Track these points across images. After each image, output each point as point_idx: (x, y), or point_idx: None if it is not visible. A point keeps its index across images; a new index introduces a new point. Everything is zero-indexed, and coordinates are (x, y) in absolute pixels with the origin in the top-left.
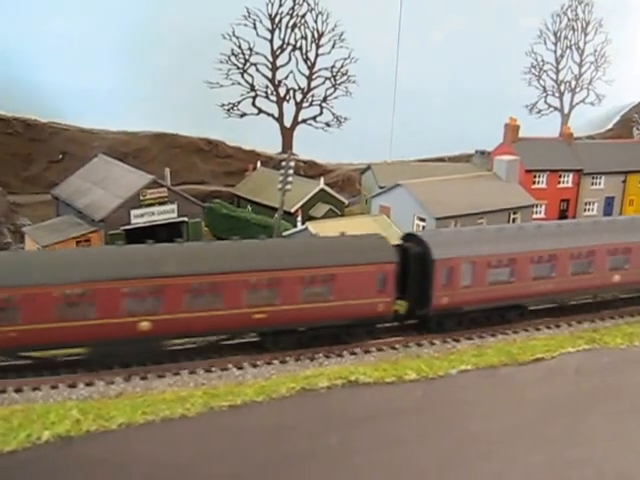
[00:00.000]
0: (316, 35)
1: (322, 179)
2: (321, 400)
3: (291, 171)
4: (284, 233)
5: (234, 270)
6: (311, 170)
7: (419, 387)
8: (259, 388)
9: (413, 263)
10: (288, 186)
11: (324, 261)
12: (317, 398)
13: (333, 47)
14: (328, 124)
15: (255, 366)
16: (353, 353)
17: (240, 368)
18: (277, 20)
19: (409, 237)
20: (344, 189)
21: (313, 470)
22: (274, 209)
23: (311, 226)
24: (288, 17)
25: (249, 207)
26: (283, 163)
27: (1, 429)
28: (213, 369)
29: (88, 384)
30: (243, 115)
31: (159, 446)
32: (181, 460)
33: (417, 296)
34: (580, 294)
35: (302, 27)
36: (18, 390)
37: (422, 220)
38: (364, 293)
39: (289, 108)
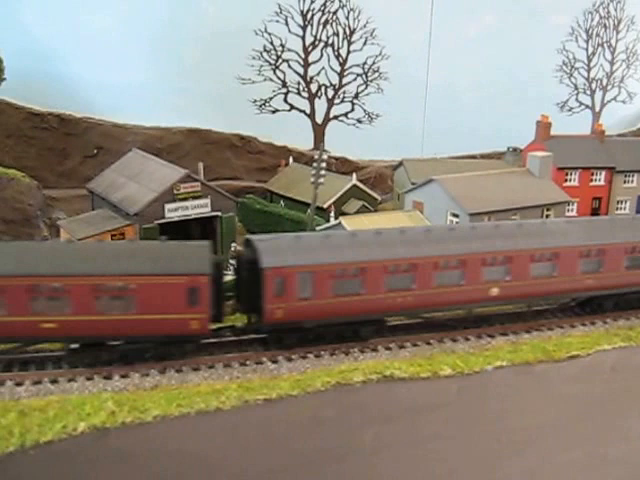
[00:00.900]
0: (348, 32)
1: (354, 175)
2: (356, 395)
3: (324, 164)
4: (317, 228)
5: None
6: (343, 167)
7: (454, 383)
8: (294, 382)
9: (243, 272)
10: (321, 180)
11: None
12: (352, 393)
13: (365, 44)
14: (360, 120)
15: (290, 360)
16: (388, 348)
17: (275, 362)
18: (309, 17)
19: (248, 242)
20: (376, 186)
21: (348, 466)
22: (307, 204)
23: (344, 221)
24: (320, 13)
25: (282, 202)
26: (315, 156)
27: (37, 420)
28: (248, 362)
29: (123, 376)
30: (275, 111)
31: (194, 439)
32: (216, 453)
33: (250, 308)
34: (449, 308)
35: (334, 24)
36: (54, 381)
37: (455, 216)
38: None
39: (321, 104)
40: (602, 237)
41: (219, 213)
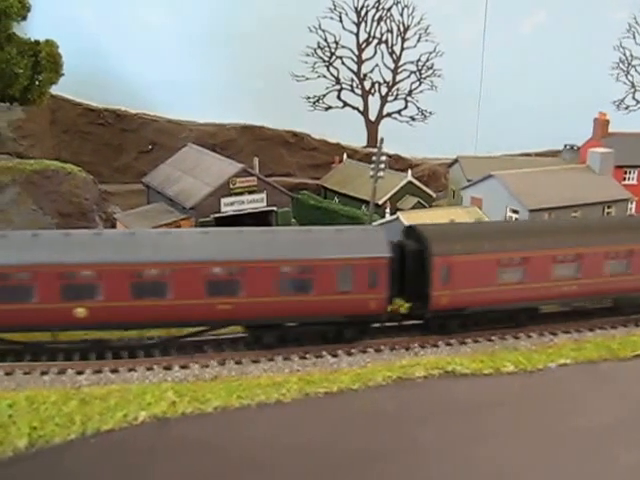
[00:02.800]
0: (402, 28)
1: (410, 171)
2: (418, 390)
3: (383, 157)
4: (374, 224)
5: None
6: (397, 164)
7: (517, 380)
8: (355, 376)
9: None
10: (381, 173)
11: None
12: (414, 388)
13: (419, 41)
14: (413, 118)
15: (350, 354)
16: (449, 344)
17: (335, 356)
18: (363, 13)
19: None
20: (429, 184)
21: (407, 462)
22: (361, 201)
23: (402, 216)
24: (374, 10)
25: (336, 199)
26: (375, 150)
27: (98, 408)
28: (307, 356)
29: (183, 367)
30: (328, 108)
31: (255, 431)
32: (276, 446)
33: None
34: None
35: (388, 20)
36: (114, 371)
37: (515, 212)
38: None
39: (374, 101)
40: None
41: (274, 208)
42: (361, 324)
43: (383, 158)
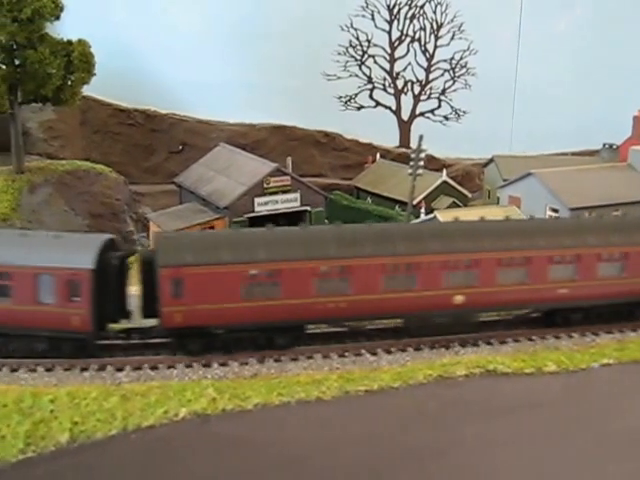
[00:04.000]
0: (435, 26)
1: (445, 171)
2: (459, 388)
3: (423, 154)
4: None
5: None
6: (430, 164)
7: (559, 380)
8: (395, 374)
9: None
10: (419, 170)
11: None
12: (455, 386)
13: (452, 38)
14: (446, 117)
15: (389, 352)
16: (489, 343)
17: (374, 354)
18: (395, 11)
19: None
20: (463, 184)
21: (448, 462)
22: (394, 201)
23: (439, 215)
24: (407, 8)
25: (369, 199)
26: (408, 150)
27: (139, 404)
28: (347, 354)
29: (222, 364)
30: (360, 108)
31: (295, 428)
32: (317, 444)
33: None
34: None
35: (421, 18)
36: (154, 368)
37: (555, 211)
38: None
39: (407, 101)
40: None
41: (308, 208)
42: None
43: (422, 155)
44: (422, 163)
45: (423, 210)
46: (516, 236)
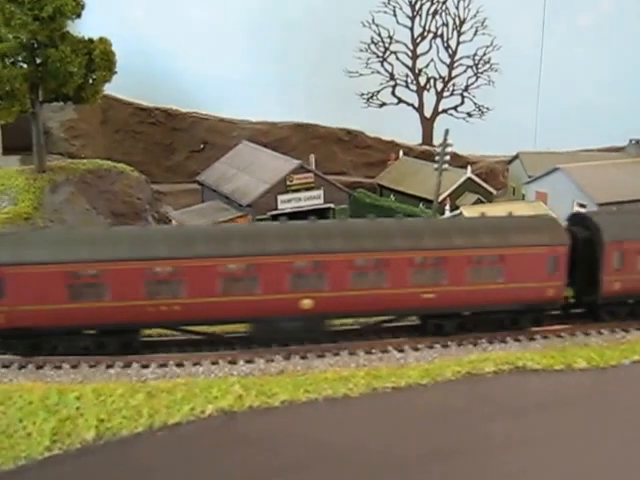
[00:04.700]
0: (457, 22)
1: (469, 167)
2: (488, 385)
3: (449, 149)
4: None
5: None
6: (453, 162)
7: (589, 376)
8: (423, 371)
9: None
10: (445, 165)
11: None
12: (483, 383)
13: (475, 34)
14: (470, 114)
15: (416, 349)
16: (517, 340)
17: (401, 351)
18: (417, 7)
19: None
20: (487, 182)
21: (477, 460)
22: (418, 198)
23: (465, 211)
24: (429, 4)
25: (392, 196)
26: (437, 144)
27: (165, 401)
28: (373, 351)
29: (248, 361)
30: (382, 105)
31: (323, 425)
32: (344, 441)
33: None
34: None
35: (443, 14)
36: (179, 365)
37: (582, 206)
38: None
39: (429, 98)
40: None
41: (332, 205)
42: None
43: (449, 149)
44: (448, 158)
45: (448, 207)
46: (371, 237)
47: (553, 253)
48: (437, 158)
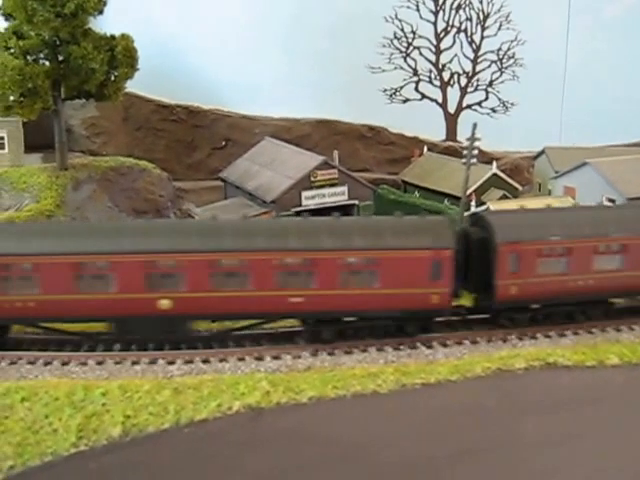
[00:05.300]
0: (481, 16)
1: (494, 163)
2: (518, 381)
3: (478, 143)
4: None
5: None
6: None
7: (621, 373)
8: (452, 367)
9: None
10: (473, 160)
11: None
12: (514, 379)
13: (499, 29)
14: (494, 110)
15: (445, 345)
16: (547, 336)
17: (430, 347)
18: (441, 2)
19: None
20: (512, 178)
21: (507, 457)
22: (443, 194)
23: (492, 206)
24: None
25: (416, 193)
26: (460, 140)
27: (192, 398)
28: (402, 347)
29: (275, 357)
30: (406, 101)
31: (352, 422)
32: (374, 437)
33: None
34: None
35: (467, 8)
36: (205, 361)
37: (612, 201)
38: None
39: (453, 93)
40: None
41: (356, 201)
42: None
43: (477, 143)
44: (476, 152)
45: (474, 203)
46: (234, 237)
47: (436, 257)
48: (465, 152)
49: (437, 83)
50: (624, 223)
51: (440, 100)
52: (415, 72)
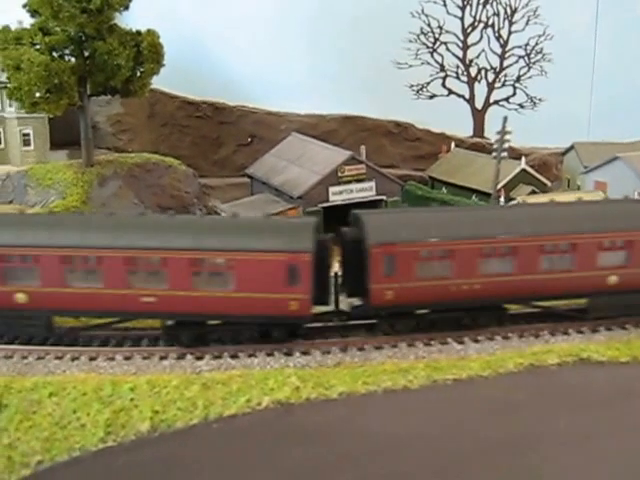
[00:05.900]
0: (509, 11)
1: (523, 159)
2: (551, 377)
3: (508, 137)
4: None
5: None
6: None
7: None
8: (484, 363)
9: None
10: (504, 154)
11: None
12: (547, 375)
13: (527, 23)
14: (522, 105)
15: (476, 341)
16: (580, 331)
17: (461, 343)
18: None
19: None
20: (540, 174)
21: (539, 455)
22: (471, 190)
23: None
24: None
25: (444, 189)
26: (488, 136)
27: (220, 393)
28: (432, 343)
29: (304, 353)
30: (433, 96)
31: (382, 417)
32: (405, 433)
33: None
34: None
35: (494, 3)
36: (234, 356)
37: None
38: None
39: (480, 89)
40: None
41: (384, 197)
42: None
43: (507, 137)
44: (507, 146)
45: (502, 198)
46: (86, 232)
47: (293, 261)
48: (495, 146)
49: (464, 79)
50: (513, 223)
51: (467, 96)
52: (442, 68)
